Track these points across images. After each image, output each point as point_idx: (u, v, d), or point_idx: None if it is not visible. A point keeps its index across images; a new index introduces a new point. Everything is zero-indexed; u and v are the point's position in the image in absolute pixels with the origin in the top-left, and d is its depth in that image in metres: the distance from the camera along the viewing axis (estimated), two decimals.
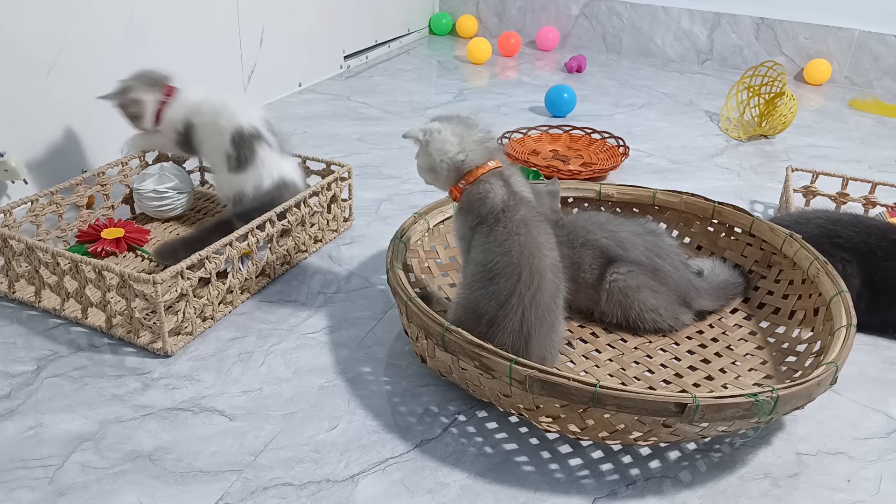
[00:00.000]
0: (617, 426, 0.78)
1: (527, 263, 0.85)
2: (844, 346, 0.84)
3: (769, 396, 0.74)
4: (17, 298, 1.04)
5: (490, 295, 0.85)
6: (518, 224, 0.86)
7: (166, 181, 1.24)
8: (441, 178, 0.93)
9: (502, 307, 0.84)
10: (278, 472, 0.79)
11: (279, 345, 0.99)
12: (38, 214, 1.12)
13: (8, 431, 0.82)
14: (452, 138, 0.91)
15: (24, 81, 1.24)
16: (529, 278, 0.85)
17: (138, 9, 1.43)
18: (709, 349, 1.00)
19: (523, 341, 0.85)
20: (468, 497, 0.77)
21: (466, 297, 0.88)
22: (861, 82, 2.34)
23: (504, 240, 0.86)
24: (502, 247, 0.86)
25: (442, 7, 2.75)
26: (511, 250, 0.85)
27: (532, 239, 0.86)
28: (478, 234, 0.89)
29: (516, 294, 0.84)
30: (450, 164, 0.91)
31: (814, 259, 1.00)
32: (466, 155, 0.90)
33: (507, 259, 0.85)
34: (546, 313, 0.86)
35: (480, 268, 0.87)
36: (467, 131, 0.92)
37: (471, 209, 0.90)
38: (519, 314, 0.84)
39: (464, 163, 0.90)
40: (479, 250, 0.88)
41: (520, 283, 0.84)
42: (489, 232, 0.87)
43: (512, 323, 0.84)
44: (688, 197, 1.15)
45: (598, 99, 2.10)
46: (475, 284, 0.87)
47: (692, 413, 0.73)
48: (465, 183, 0.90)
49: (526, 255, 0.85)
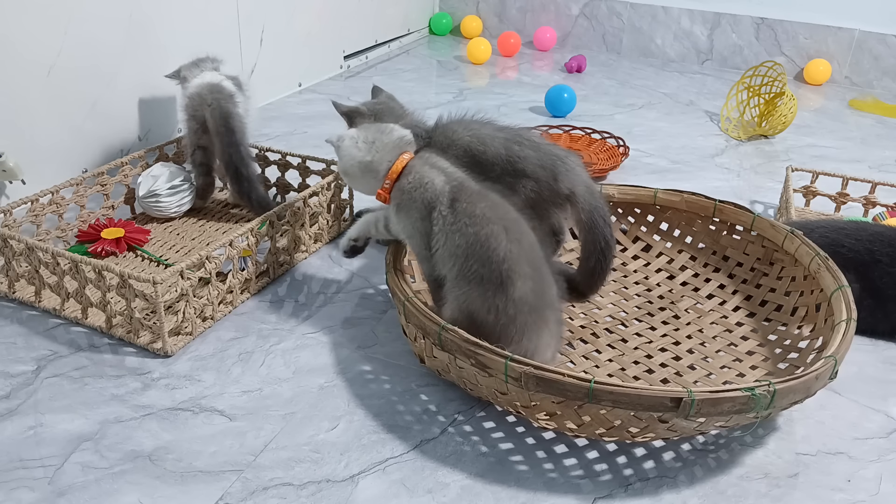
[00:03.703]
0: (613, 422, 0.78)
1: (504, 223, 0.87)
2: (844, 340, 0.84)
3: (766, 390, 0.74)
4: (17, 298, 1.04)
5: (485, 279, 0.85)
6: (475, 194, 0.90)
7: (177, 176, 1.25)
8: (357, 180, 0.99)
9: (503, 277, 0.85)
10: (278, 472, 0.79)
11: (279, 345, 0.99)
12: (38, 214, 1.12)
13: (8, 431, 0.82)
14: (362, 144, 0.96)
15: (24, 81, 1.24)
16: (516, 236, 0.87)
17: (138, 9, 1.43)
18: (710, 347, 1.00)
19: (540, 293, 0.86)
20: (468, 497, 0.77)
21: (466, 294, 0.87)
22: (861, 82, 2.34)
23: (472, 211, 0.88)
24: (474, 217, 0.87)
25: (442, 7, 2.75)
26: (484, 216, 0.87)
27: (494, 200, 0.90)
28: (438, 221, 0.89)
29: (510, 257, 0.85)
30: (358, 165, 0.96)
31: (815, 255, 1.00)
32: (373, 157, 0.95)
33: (487, 229, 0.86)
34: (538, 259, 0.89)
35: (462, 251, 0.87)
36: (381, 136, 0.97)
37: (412, 201, 0.91)
38: (521, 271, 0.85)
39: (371, 163, 0.95)
40: (449, 233, 0.88)
41: (508, 244, 0.86)
42: (452, 211, 0.88)
43: (523, 288, 0.85)
44: (689, 196, 1.15)
45: (598, 99, 2.10)
46: (466, 273, 0.87)
47: (688, 407, 0.73)
48: (390, 181, 0.94)
49: (499, 216, 0.88)
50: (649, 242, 1.20)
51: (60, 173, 1.32)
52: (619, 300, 1.10)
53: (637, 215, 1.21)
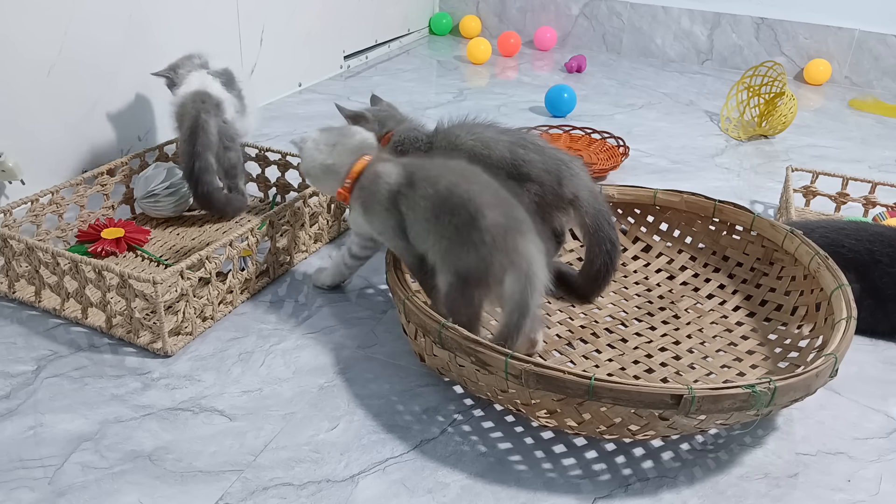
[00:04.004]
0: (614, 420, 0.78)
1: (459, 172, 0.91)
2: (844, 339, 0.84)
3: (766, 387, 0.74)
4: (17, 298, 1.04)
5: (459, 226, 0.87)
6: (428, 164, 0.94)
7: (174, 175, 1.25)
8: (318, 180, 1.02)
9: (473, 213, 0.87)
10: (278, 472, 0.79)
11: (279, 345, 0.99)
12: (38, 214, 1.12)
13: (8, 431, 0.82)
14: (324, 146, 1.00)
15: (24, 81, 1.24)
16: (473, 179, 0.90)
17: (138, 9, 1.43)
18: (709, 347, 1.00)
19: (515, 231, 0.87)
20: (468, 497, 0.77)
21: (448, 254, 0.88)
22: (861, 82, 2.34)
23: (427, 175, 0.91)
24: (430, 179, 0.91)
25: (442, 7, 2.75)
26: (439, 174, 0.91)
27: (446, 161, 0.95)
28: (403, 203, 0.92)
29: (472, 195, 0.88)
30: (319, 167, 1.00)
31: (814, 254, 1.00)
32: (334, 159, 0.99)
33: (445, 181, 0.89)
34: (500, 192, 0.91)
35: (432, 213, 0.89)
36: (342, 139, 1.00)
37: (374, 195, 0.95)
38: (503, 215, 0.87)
39: (332, 165, 0.99)
40: (416, 207, 0.91)
41: (467, 186, 0.88)
42: (412, 188, 0.92)
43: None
44: (688, 196, 1.15)
45: (598, 99, 2.10)
46: (442, 232, 0.88)
47: (688, 404, 0.73)
48: (351, 181, 0.97)
49: (452, 168, 0.92)
50: (649, 243, 1.20)
51: (60, 173, 1.32)
52: (619, 300, 1.10)
53: (637, 216, 1.21)
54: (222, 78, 1.23)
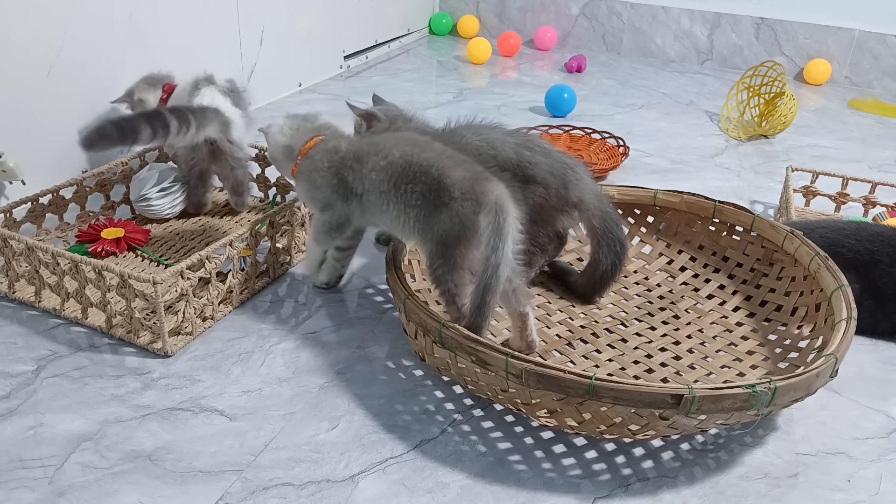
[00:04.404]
0: (614, 419, 0.78)
1: (410, 142, 0.93)
2: (844, 339, 0.84)
3: (766, 387, 0.74)
4: (17, 298, 1.04)
5: (425, 194, 0.89)
6: (376, 140, 0.96)
7: (167, 177, 1.24)
8: (280, 163, 1.05)
9: (437, 177, 0.88)
10: (278, 472, 0.79)
11: (279, 345, 0.99)
12: (38, 214, 1.12)
13: (8, 431, 0.82)
14: (287, 130, 1.03)
15: (24, 81, 1.24)
16: (427, 147, 0.92)
17: (138, 9, 1.43)
18: (710, 347, 1.00)
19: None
20: (468, 497, 0.77)
21: (424, 223, 0.89)
22: (861, 82, 2.34)
23: (378, 148, 0.93)
24: (382, 152, 0.93)
25: (442, 7, 2.75)
26: (390, 145, 0.93)
27: (393, 134, 0.99)
28: (350, 175, 0.95)
29: (432, 161, 0.89)
30: (281, 149, 1.03)
31: (814, 255, 1.00)
32: (293, 140, 1.02)
33: (399, 152, 0.91)
34: (454, 154, 0.93)
35: (389, 185, 0.91)
36: (304, 124, 1.04)
37: (318, 164, 0.98)
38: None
39: (292, 146, 1.02)
40: (369, 180, 0.93)
41: (424, 154, 0.90)
42: (360, 162, 0.94)
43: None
44: (688, 197, 1.15)
45: (598, 99, 2.10)
46: (409, 202, 0.90)
47: (689, 404, 0.73)
48: (301, 156, 1.01)
49: (403, 139, 0.95)
50: (649, 243, 1.20)
51: (60, 173, 1.32)
52: (619, 300, 1.10)
53: (637, 216, 1.21)
54: (231, 96, 1.23)
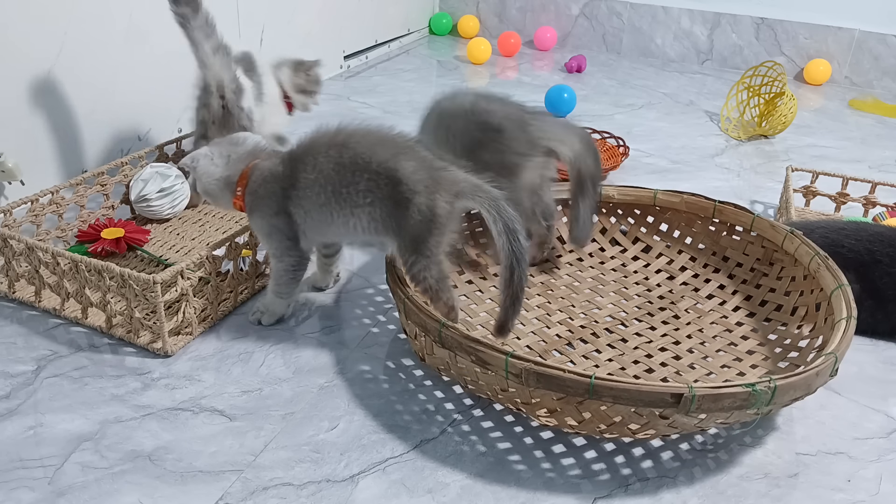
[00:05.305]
0: (614, 418, 0.78)
1: (338, 145, 0.90)
2: (844, 338, 0.84)
3: (766, 386, 0.74)
4: (17, 298, 1.04)
5: (380, 195, 0.88)
6: (304, 152, 0.93)
7: (167, 178, 1.24)
8: (218, 197, 0.99)
9: (388, 173, 0.87)
10: (278, 472, 0.79)
11: (279, 345, 0.99)
12: (38, 214, 1.12)
13: (8, 431, 0.82)
14: (218, 160, 0.97)
15: (24, 81, 1.24)
16: (360, 141, 0.90)
17: (138, 8, 1.43)
18: (709, 347, 1.00)
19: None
20: (468, 497, 0.77)
21: (384, 222, 0.88)
22: (861, 82, 2.34)
23: (307, 159, 0.91)
24: (309, 163, 0.91)
25: (442, 7, 2.75)
26: (321, 154, 0.90)
27: (318, 137, 0.93)
28: (292, 197, 0.92)
29: (374, 158, 0.87)
30: (216, 183, 0.97)
31: (814, 254, 1.00)
32: (230, 171, 0.97)
33: (336, 159, 0.89)
34: (396, 140, 0.91)
35: (328, 195, 0.90)
36: (234, 149, 0.98)
37: (262, 198, 0.94)
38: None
39: (230, 177, 0.96)
40: (305, 196, 0.91)
41: (360, 151, 0.88)
42: (293, 179, 0.92)
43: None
44: (688, 197, 1.15)
45: (598, 99, 2.10)
46: (355, 201, 0.89)
47: (688, 403, 0.73)
48: (241, 188, 0.96)
49: (331, 142, 0.91)
50: (649, 243, 1.20)
51: (60, 173, 1.32)
52: (619, 300, 1.10)
53: (637, 216, 1.21)
54: (243, 63, 1.22)
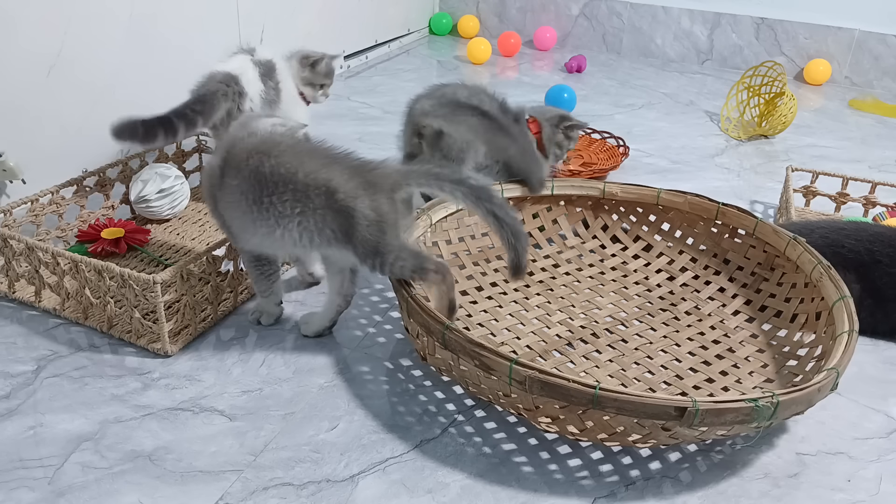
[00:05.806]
0: (616, 428, 0.78)
1: (268, 151, 0.88)
2: (846, 353, 0.84)
3: (769, 402, 0.74)
4: (17, 298, 1.04)
5: (318, 204, 0.87)
6: (235, 153, 0.90)
7: (166, 178, 1.24)
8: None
9: (326, 187, 0.86)
10: (278, 472, 0.79)
11: (279, 345, 0.99)
12: (38, 214, 1.12)
13: (8, 431, 0.82)
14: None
15: (24, 81, 1.24)
16: (291, 151, 0.88)
17: (138, 8, 1.42)
18: (709, 351, 1.00)
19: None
20: (468, 497, 0.77)
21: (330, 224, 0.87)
22: (861, 82, 2.34)
23: (233, 160, 0.89)
24: (234, 166, 0.89)
25: (442, 7, 2.75)
26: (249, 155, 0.88)
27: (250, 140, 0.91)
28: (225, 194, 0.90)
29: (306, 169, 0.86)
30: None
31: (817, 263, 0.99)
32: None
33: (265, 162, 0.87)
34: (324, 152, 0.90)
35: (264, 192, 0.87)
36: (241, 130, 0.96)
37: (205, 183, 0.94)
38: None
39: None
40: (240, 200, 0.89)
41: (289, 160, 0.87)
42: (221, 178, 0.90)
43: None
44: (692, 197, 1.15)
45: (598, 99, 2.10)
46: (283, 212, 0.87)
47: (692, 417, 0.73)
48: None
49: (260, 149, 0.89)
50: (650, 242, 1.20)
51: (60, 173, 1.32)
52: (619, 300, 1.10)
53: (639, 214, 1.20)
54: (262, 68, 1.24)
